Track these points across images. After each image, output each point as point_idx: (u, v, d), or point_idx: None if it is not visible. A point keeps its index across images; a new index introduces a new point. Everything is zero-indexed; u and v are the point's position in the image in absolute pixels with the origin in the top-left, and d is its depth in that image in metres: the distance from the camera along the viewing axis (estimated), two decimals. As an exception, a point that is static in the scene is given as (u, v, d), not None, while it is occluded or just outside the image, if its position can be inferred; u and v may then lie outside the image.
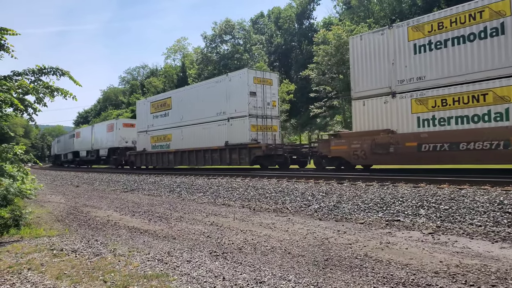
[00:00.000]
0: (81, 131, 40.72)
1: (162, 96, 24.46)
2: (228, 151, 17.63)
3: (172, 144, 21.87)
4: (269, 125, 17.79)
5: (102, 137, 33.74)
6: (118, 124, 31.63)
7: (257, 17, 63.39)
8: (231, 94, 17.83)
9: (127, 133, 30.85)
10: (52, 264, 4.78)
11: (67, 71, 6.99)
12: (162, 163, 22.56)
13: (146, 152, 24.10)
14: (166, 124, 22.56)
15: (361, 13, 45.76)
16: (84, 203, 11.52)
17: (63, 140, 48.57)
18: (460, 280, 3.70)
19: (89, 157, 36.44)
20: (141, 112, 25.98)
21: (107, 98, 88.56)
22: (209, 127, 19.11)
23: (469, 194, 7.25)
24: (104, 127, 33.85)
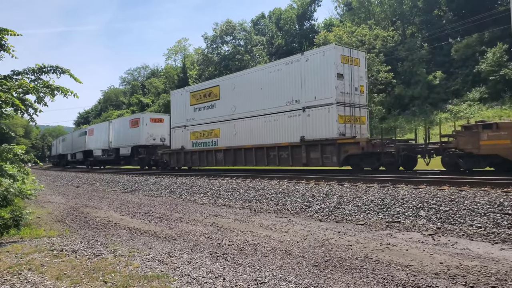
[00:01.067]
0: (95, 128, 35.93)
1: (207, 84, 20.66)
2: (305, 149, 14.14)
3: (220, 140, 18.55)
4: (357, 116, 14.23)
5: (123, 133, 29.09)
6: (145, 118, 26.86)
7: (258, 18, 63.44)
8: (309, 77, 14.32)
9: (155, 129, 26.94)
10: (52, 265, 4.78)
11: (67, 69, 7.00)
12: (207, 163, 19.34)
13: (185, 151, 20.72)
14: (212, 118, 19.19)
15: (362, 15, 45.79)
16: (85, 204, 11.52)
17: (70, 138, 43.89)
18: (460, 282, 3.70)
19: (106, 156, 32.20)
20: (177, 104, 22.12)
21: (108, 99, 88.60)
22: (274, 119, 15.66)
23: (469, 195, 7.25)
24: (126, 122, 29.20)
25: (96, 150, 34.35)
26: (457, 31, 35.11)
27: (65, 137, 48.46)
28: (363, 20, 43.79)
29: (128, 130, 28.43)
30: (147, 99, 66.75)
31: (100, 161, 34.82)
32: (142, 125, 26.72)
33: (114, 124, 31.54)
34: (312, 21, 55.17)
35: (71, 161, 43.26)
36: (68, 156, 43.96)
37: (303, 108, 14.57)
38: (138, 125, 27.13)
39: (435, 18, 40.18)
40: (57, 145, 52.31)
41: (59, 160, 49.92)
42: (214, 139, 19.12)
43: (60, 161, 49.32)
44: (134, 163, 28.22)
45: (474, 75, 30.17)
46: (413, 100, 34.28)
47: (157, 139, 26.83)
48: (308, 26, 54.73)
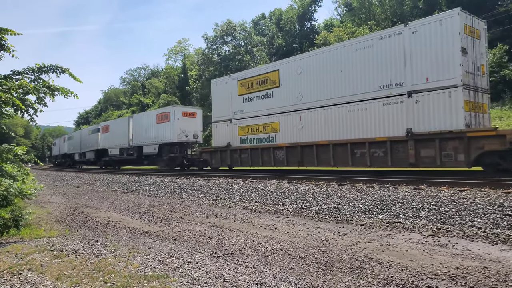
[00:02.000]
0: (110, 124, 32.31)
1: (261, 69, 17.44)
2: (414, 144, 11.24)
3: (280, 136, 15.77)
4: (479, 102, 11.37)
5: (148, 130, 25.78)
6: (176, 112, 23.41)
7: (258, 18, 63.47)
8: (417, 53, 11.47)
9: (187, 124, 23.64)
10: (52, 265, 4.78)
11: (67, 68, 7.01)
12: (262, 162, 16.48)
13: (232, 149, 17.97)
14: (268, 109, 16.41)
15: (362, 15, 45.83)
16: (85, 204, 11.52)
17: (78, 136, 39.96)
18: (460, 282, 3.70)
19: (125, 156, 28.71)
20: (220, 94, 19.23)
21: (108, 99, 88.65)
22: (361, 108, 12.84)
23: (470, 196, 7.25)
24: (152, 117, 25.64)
25: (113, 149, 30.72)
26: (457, 31, 35.01)
27: (72, 135, 44.58)
28: (364, 20, 43.82)
29: (155, 125, 24.92)
30: (147, 100, 66.79)
31: (117, 161, 31.21)
32: (173, 119, 23.24)
33: (136, 120, 27.89)
34: (312, 22, 55.20)
35: (80, 161, 39.62)
36: (76, 155, 40.56)
37: (409, 93, 11.58)
38: (167, 120, 23.71)
39: (435, 18, 40.08)
40: (60, 144, 48.78)
41: (64, 160, 46.44)
42: (272, 134, 16.15)
43: (66, 161, 45.76)
44: (162, 162, 24.74)
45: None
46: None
47: (190, 135, 23.61)
48: (309, 26, 54.76)
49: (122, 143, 29.06)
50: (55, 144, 53.84)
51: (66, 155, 44.74)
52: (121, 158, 29.63)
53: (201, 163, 20.93)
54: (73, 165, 42.80)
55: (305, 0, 53.15)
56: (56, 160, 52.66)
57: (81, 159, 38.59)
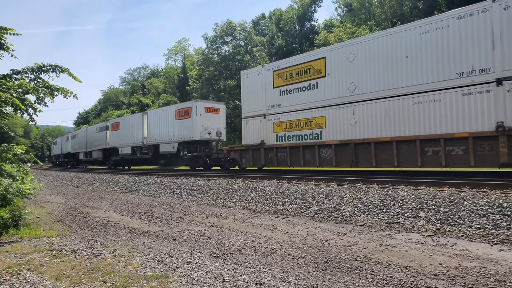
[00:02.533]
0: (121, 122, 29.72)
1: (302, 57, 15.45)
2: (507, 142, 9.78)
3: (327, 132, 13.97)
4: None
5: (165, 127, 23.69)
6: (198, 108, 21.27)
7: (258, 18, 63.48)
8: (510, 33, 9.99)
9: (210, 120, 21.61)
10: (51, 265, 4.78)
11: (66, 68, 7.01)
12: (304, 162, 14.62)
13: (266, 147, 16.14)
14: (312, 102, 14.59)
15: (362, 16, 45.87)
16: (84, 204, 11.52)
17: (83, 134, 37.73)
18: (459, 283, 3.70)
19: (138, 155, 26.56)
20: (252, 87, 17.30)
21: (108, 99, 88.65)
22: (433, 99, 11.20)
23: (469, 196, 7.25)
24: (170, 113, 23.42)
25: (124, 148, 28.44)
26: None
27: (76, 133, 41.84)
28: (364, 21, 43.85)
29: (173, 122, 22.76)
30: (147, 99, 66.78)
31: (129, 161, 28.91)
32: (196, 115, 21.06)
33: (151, 116, 25.59)
34: (312, 22, 55.25)
35: (85, 160, 37.20)
36: (81, 155, 38.32)
37: (498, 81, 10.00)
38: (189, 115, 21.53)
39: (435, 19, 40.16)
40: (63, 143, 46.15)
41: (67, 160, 43.67)
42: (316, 130, 14.36)
43: (69, 161, 43.12)
44: (182, 162, 22.91)
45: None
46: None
47: (213, 133, 21.49)
48: (309, 26, 54.80)
49: (135, 141, 26.85)
50: (56, 143, 51.52)
51: (69, 154, 42.60)
52: (133, 157, 27.32)
53: (228, 163, 18.70)
54: (77, 165, 40.82)
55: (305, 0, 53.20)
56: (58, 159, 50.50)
57: (87, 159, 36.35)
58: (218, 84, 47.91)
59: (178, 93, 60.11)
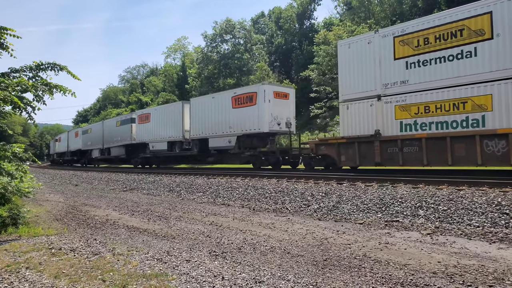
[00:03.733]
0: (152, 112, 25.59)
1: (447, 15, 11.50)
2: None
3: (494, 116, 10.29)
4: None
5: (218, 117, 19.64)
6: (267, 92, 17.04)
7: (257, 16, 63.39)
8: None
9: (280, 108, 17.53)
10: (50, 263, 4.77)
11: (64, 66, 6.99)
12: (452, 160, 10.81)
13: (383, 139, 12.38)
14: (466, 75, 10.84)
15: (361, 14, 45.82)
16: (83, 202, 11.51)
17: (98, 129, 33.56)
18: (458, 281, 3.71)
19: (178, 151, 22.87)
20: (357, 60, 13.41)
21: (107, 97, 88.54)
22: None
23: (468, 195, 7.27)
24: (224, 100, 19.36)
25: (156, 143, 24.65)
26: (456, 30, 35.12)
27: (89, 127, 37.55)
28: (363, 19, 43.81)
29: (230, 111, 18.85)
30: (146, 98, 66.71)
31: (164, 158, 25.01)
32: (263, 102, 16.99)
33: (195, 105, 21.51)
34: (312, 20, 55.19)
35: (102, 158, 33.14)
36: (95, 152, 34.22)
37: None
38: (252, 102, 17.54)
39: (434, 17, 40.19)
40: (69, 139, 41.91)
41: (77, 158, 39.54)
42: (474, 114, 10.62)
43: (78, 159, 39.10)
44: (239, 159, 19.27)
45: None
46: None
47: (282, 123, 17.51)
48: (308, 25, 54.74)
49: (173, 135, 23.05)
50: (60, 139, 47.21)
51: (79, 152, 38.39)
52: (170, 154, 23.58)
53: (314, 160, 14.71)
54: (89, 164, 36.92)
55: (304, -1, 53.12)
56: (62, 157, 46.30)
57: (104, 156, 32.20)
58: (217, 82, 47.86)
59: (178, 91, 60.05)
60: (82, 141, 37.47)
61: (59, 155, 48.29)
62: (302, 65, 45.53)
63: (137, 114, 27.82)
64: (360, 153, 13.00)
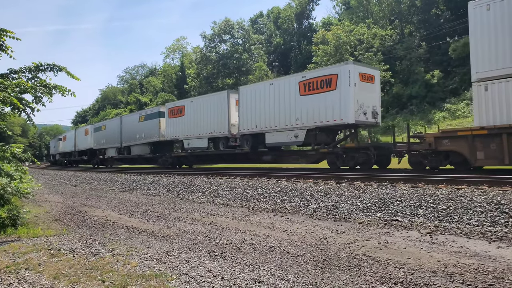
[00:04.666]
0: (187, 105, 22.14)
1: None
2: None
3: None
4: None
5: (279, 107, 15.99)
6: (352, 74, 13.53)
7: (256, 16, 63.43)
8: None
9: (365, 94, 14.01)
10: (49, 264, 4.76)
11: (63, 67, 6.98)
12: None
13: None
14: None
15: (360, 14, 45.87)
16: (82, 203, 11.50)
17: (115, 126, 30.03)
18: (458, 280, 3.71)
19: (223, 148, 19.62)
20: (502, 23, 10.19)
21: (106, 98, 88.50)
22: None
23: (467, 194, 7.27)
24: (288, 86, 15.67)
25: (194, 140, 21.36)
26: (454, 30, 35.23)
27: (102, 124, 33.66)
28: (361, 19, 43.85)
29: (297, 99, 15.22)
30: (145, 98, 66.68)
31: (203, 157, 22.11)
32: (348, 85, 13.50)
33: (246, 95, 17.74)
34: (310, 20, 55.27)
35: (119, 158, 29.73)
36: (110, 151, 30.77)
37: None
38: (331, 87, 13.94)
39: (433, 17, 40.33)
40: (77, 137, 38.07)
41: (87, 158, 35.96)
42: None
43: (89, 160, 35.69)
44: (308, 158, 15.93)
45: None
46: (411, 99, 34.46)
47: (368, 112, 14.06)
48: (307, 25, 54.79)
49: (215, 130, 19.85)
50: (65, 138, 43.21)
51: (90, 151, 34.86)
52: (212, 152, 20.71)
53: (430, 159, 11.71)
54: (101, 164, 33.79)
55: (303, -1, 53.14)
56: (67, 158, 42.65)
57: (122, 156, 28.75)
58: (216, 82, 47.85)
59: (176, 91, 60.04)
60: (94, 139, 33.74)
61: (63, 155, 44.69)
62: (300, 64, 45.55)
63: (167, 107, 24.03)
64: (510, 149, 9.64)
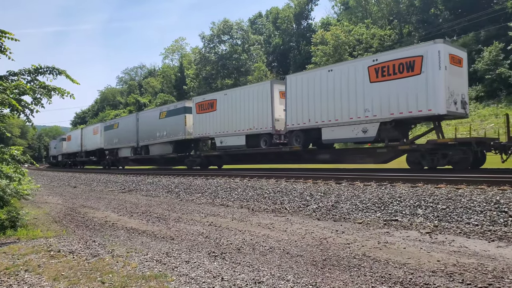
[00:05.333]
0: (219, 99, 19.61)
1: None
2: None
3: None
4: None
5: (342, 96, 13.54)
6: (442, 55, 11.11)
7: (255, 17, 63.49)
8: None
9: (455, 80, 11.74)
10: (49, 265, 4.76)
11: (63, 70, 6.97)
12: None
13: None
14: None
15: (359, 14, 45.92)
16: (82, 204, 11.48)
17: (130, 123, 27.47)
18: (457, 279, 3.72)
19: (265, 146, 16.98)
20: None
21: (105, 99, 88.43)
22: None
23: (466, 193, 7.28)
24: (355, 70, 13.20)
25: (227, 137, 18.90)
26: (453, 30, 35.30)
27: (115, 122, 30.80)
28: (360, 19, 43.92)
29: (366, 87, 12.76)
30: (144, 99, 66.67)
31: (242, 156, 19.55)
32: (438, 69, 11.20)
33: (296, 83, 15.21)
34: (309, 20, 55.28)
35: (135, 158, 27.27)
36: (124, 151, 28.30)
37: None
38: (414, 71, 11.59)
39: (431, 17, 40.40)
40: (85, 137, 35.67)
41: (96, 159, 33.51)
42: None
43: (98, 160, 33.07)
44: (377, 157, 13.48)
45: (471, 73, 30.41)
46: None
47: (458, 101, 11.82)
48: (306, 25, 54.81)
49: (256, 126, 17.24)
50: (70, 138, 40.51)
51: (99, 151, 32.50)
52: (251, 151, 17.83)
53: None
54: (113, 165, 31.49)
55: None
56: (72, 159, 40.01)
57: (139, 156, 26.35)
58: (215, 83, 47.86)
59: (176, 92, 60.04)
60: (105, 138, 31.14)
61: (67, 156, 41.83)
62: (300, 65, 45.58)
63: (194, 101, 21.40)
64: None
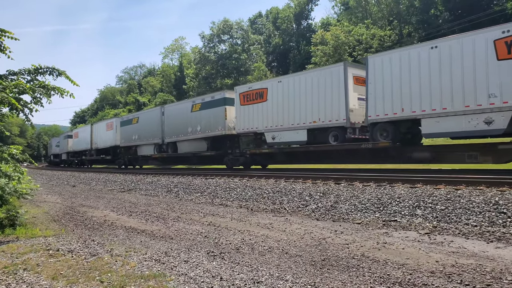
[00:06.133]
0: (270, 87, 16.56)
1: None
2: None
3: None
4: None
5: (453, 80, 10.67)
6: None
7: (255, 17, 63.42)
8: None
9: None
10: (48, 264, 4.76)
11: (63, 71, 6.96)
12: None
13: None
14: None
15: (359, 14, 45.93)
16: (81, 203, 11.48)
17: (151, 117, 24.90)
18: (456, 280, 3.72)
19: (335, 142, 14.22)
20: None
21: (104, 98, 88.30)
22: None
23: (465, 194, 7.29)
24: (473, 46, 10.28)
25: (281, 133, 16.06)
26: (453, 30, 35.30)
27: (134, 116, 27.63)
28: (360, 19, 43.92)
29: (490, 67, 10.10)
30: (144, 98, 66.58)
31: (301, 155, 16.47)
32: None
33: (382, 65, 12.45)
34: (309, 20, 55.26)
35: (160, 157, 24.13)
36: (146, 149, 25.45)
37: None
38: None
39: (431, 17, 40.42)
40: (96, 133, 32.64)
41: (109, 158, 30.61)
42: None
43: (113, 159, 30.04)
44: (500, 156, 10.70)
45: None
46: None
47: None
48: (306, 25, 54.79)
49: (322, 118, 14.43)
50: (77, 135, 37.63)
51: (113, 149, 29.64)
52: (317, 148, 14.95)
53: None
54: (130, 164, 28.97)
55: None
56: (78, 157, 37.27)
57: (165, 154, 23.37)
58: (215, 82, 47.84)
59: (175, 91, 60.00)
60: (122, 135, 28.25)
61: (73, 155, 38.79)
62: (299, 65, 45.56)
63: (238, 91, 18.22)
64: None
